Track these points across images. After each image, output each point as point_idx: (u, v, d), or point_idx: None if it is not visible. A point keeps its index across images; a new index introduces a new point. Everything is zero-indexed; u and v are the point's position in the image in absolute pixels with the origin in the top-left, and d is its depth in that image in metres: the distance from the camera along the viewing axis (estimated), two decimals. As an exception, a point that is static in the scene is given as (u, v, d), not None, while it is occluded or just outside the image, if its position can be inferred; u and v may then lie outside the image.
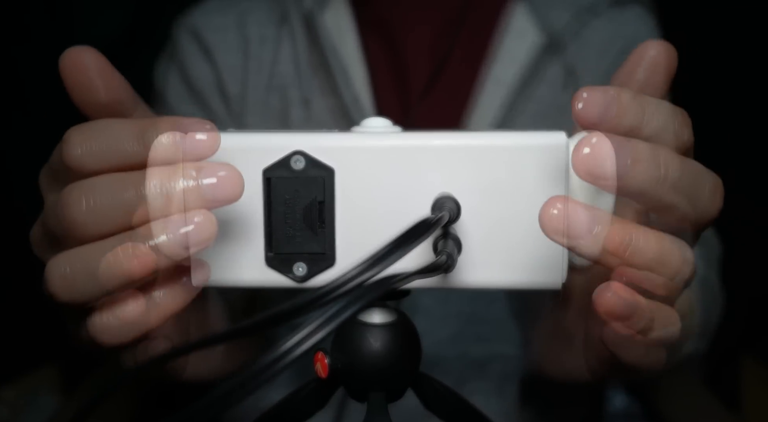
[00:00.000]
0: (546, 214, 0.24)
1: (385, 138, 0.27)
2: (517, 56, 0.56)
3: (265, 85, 0.58)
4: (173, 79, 0.60)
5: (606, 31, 0.57)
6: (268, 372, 0.17)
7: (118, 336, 0.27)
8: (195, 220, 0.25)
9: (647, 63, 0.29)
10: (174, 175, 0.25)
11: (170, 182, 0.25)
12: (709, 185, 0.26)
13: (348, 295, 0.18)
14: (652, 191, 0.25)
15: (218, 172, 0.25)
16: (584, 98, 0.25)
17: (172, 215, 0.25)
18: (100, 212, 0.25)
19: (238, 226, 0.28)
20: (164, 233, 0.25)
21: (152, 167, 0.25)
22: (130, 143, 0.26)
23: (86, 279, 0.26)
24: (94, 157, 0.26)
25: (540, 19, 0.56)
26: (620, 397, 0.87)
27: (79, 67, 0.28)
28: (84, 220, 0.25)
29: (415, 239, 0.21)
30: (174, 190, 0.25)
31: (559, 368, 0.39)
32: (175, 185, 0.25)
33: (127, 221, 0.26)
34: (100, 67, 0.28)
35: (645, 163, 0.24)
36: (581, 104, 0.25)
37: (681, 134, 0.26)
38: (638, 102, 0.25)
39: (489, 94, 0.56)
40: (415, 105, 0.57)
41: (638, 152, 0.24)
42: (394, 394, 0.29)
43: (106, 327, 0.27)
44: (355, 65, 0.57)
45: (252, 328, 0.18)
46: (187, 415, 0.17)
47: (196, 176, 0.25)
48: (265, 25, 0.59)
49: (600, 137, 0.24)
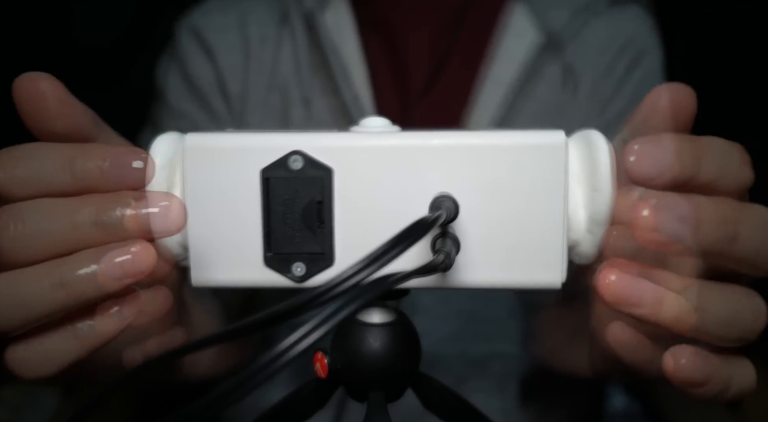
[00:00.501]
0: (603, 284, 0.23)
1: (383, 138, 0.27)
2: (516, 56, 0.56)
3: (265, 85, 0.58)
4: (174, 78, 0.60)
5: (604, 30, 0.57)
6: (267, 370, 0.17)
7: (38, 369, 0.25)
8: (132, 250, 0.24)
9: (662, 114, 0.26)
10: (111, 203, 0.24)
11: (107, 210, 0.24)
12: None
13: (346, 294, 0.18)
14: (718, 251, 0.23)
15: (160, 202, 0.24)
16: (636, 151, 0.23)
17: (106, 243, 0.24)
18: (29, 239, 0.24)
19: (237, 226, 0.28)
20: (95, 263, 0.24)
21: (87, 195, 0.25)
22: (57, 170, 0.25)
23: (10, 307, 0.24)
24: (19, 183, 0.25)
25: (539, 18, 0.56)
26: (620, 397, 0.87)
27: (33, 94, 0.26)
28: (10, 246, 0.24)
29: (412, 238, 0.21)
30: (110, 219, 0.24)
31: (562, 362, 0.39)
32: (111, 214, 0.24)
33: (57, 249, 0.24)
34: (58, 95, 0.26)
35: (710, 223, 0.22)
36: (634, 158, 0.23)
37: (741, 174, 0.24)
38: (693, 147, 0.23)
39: (488, 94, 0.56)
40: (415, 104, 0.57)
41: (701, 212, 0.22)
42: (393, 394, 0.29)
43: (25, 359, 0.25)
44: (355, 65, 0.57)
45: (250, 328, 0.18)
46: (187, 415, 0.17)
47: (135, 206, 0.24)
48: (265, 25, 0.59)
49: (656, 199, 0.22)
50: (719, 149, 0.24)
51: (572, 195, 0.27)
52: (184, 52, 0.60)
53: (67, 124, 0.27)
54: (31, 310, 0.24)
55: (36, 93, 0.26)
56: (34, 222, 0.24)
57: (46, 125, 0.27)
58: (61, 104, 0.26)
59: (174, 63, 0.61)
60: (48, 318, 0.25)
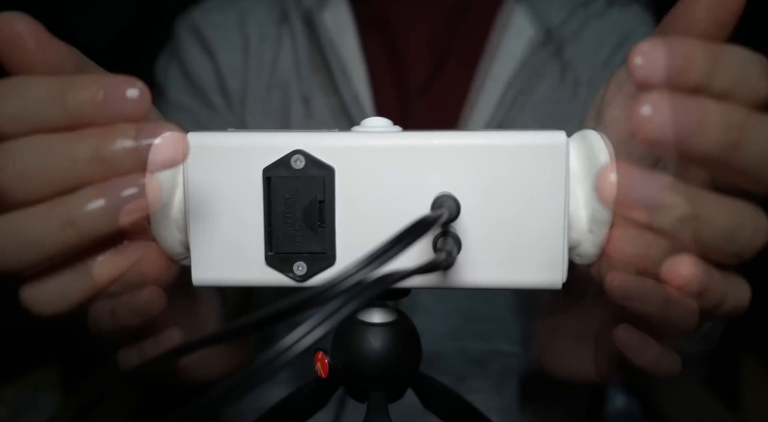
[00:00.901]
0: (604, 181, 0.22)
1: (385, 138, 0.27)
2: (514, 54, 0.56)
3: (265, 83, 0.58)
4: (174, 76, 0.60)
5: (603, 29, 0.57)
6: (268, 369, 0.17)
7: (53, 306, 0.26)
8: (138, 182, 0.23)
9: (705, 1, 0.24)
10: (110, 136, 0.23)
11: (107, 143, 0.23)
12: None
13: (347, 292, 0.18)
14: (721, 158, 0.22)
15: (159, 131, 0.23)
16: (644, 52, 0.21)
17: (108, 178, 0.24)
18: (29, 177, 0.23)
19: (239, 225, 0.28)
20: (101, 198, 0.23)
21: (85, 129, 0.24)
22: (48, 104, 0.24)
23: (18, 248, 0.24)
24: (9, 120, 0.24)
25: (537, 16, 0.56)
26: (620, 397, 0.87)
27: (10, 36, 0.24)
28: (11, 185, 0.23)
29: (414, 237, 0.21)
30: (111, 152, 0.23)
31: (564, 366, 0.38)
32: (110, 147, 0.23)
33: (59, 186, 0.24)
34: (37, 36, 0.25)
35: (714, 126, 0.21)
36: (640, 59, 0.21)
37: (759, 87, 0.22)
38: (708, 53, 0.22)
39: (487, 92, 0.56)
40: (414, 103, 0.57)
41: (706, 114, 0.21)
42: (394, 394, 0.29)
43: (38, 296, 0.26)
44: (354, 64, 0.57)
45: (251, 327, 0.18)
46: (188, 414, 0.17)
47: (136, 137, 0.23)
48: (265, 24, 0.59)
49: (661, 96, 0.21)
50: (738, 58, 0.22)
51: (573, 195, 0.27)
52: (184, 49, 0.60)
53: (50, 65, 0.25)
54: (41, 249, 0.24)
55: (13, 34, 0.24)
56: (32, 159, 0.23)
57: (26, 69, 0.25)
58: (41, 45, 0.25)
59: (174, 61, 0.61)
60: (59, 256, 0.24)
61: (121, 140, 0.23)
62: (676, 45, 0.21)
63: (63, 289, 0.25)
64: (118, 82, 0.23)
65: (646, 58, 0.21)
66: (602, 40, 0.57)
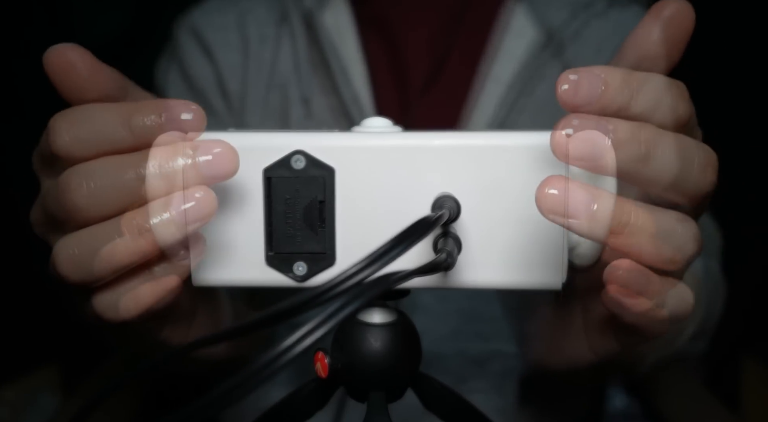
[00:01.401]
0: (542, 194, 0.24)
1: (385, 138, 0.27)
2: (515, 54, 0.56)
3: (265, 84, 0.58)
4: (174, 78, 0.60)
5: (604, 29, 0.57)
6: (268, 369, 0.17)
7: (125, 312, 0.28)
8: (195, 196, 0.26)
9: (663, 22, 0.29)
10: (172, 155, 0.26)
11: (169, 161, 0.26)
12: (699, 160, 0.26)
13: (347, 293, 0.18)
14: (633, 169, 0.25)
15: (213, 149, 0.26)
16: (570, 80, 0.25)
17: (171, 193, 0.26)
18: (101, 196, 0.26)
19: (239, 225, 0.28)
20: (167, 211, 0.26)
21: (149, 149, 0.26)
22: (116, 128, 0.26)
23: (94, 260, 0.26)
24: (82, 144, 0.26)
25: (538, 17, 0.56)
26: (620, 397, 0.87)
27: (64, 65, 0.28)
28: (86, 204, 0.26)
29: (415, 237, 0.21)
30: (173, 169, 0.26)
31: (561, 357, 0.38)
32: (173, 165, 0.26)
33: (128, 202, 0.26)
34: (87, 63, 0.28)
35: (624, 142, 0.24)
36: (566, 86, 0.25)
37: (676, 108, 0.26)
38: (626, 80, 0.25)
39: (488, 93, 0.56)
40: (415, 103, 0.57)
41: (617, 132, 0.24)
42: (394, 394, 0.29)
43: (111, 303, 0.27)
44: (354, 64, 0.57)
45: (252, 326, 0.18)
46: (188, 414, 0.17)
47: (193, 155, 0.26)
48: (264, 25, 0.59)
49: (579, 118, 0.24)
50: (655, 83, 0.26)
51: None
52: (184, 51, 0.60)
53: (101, 88, 0.28)
54: (115, 260, 0.26)
55: (66, 64, 0.28)
56: (104, 180, 0.26)
57: (80, 93, 0.28)
58: (91, 71, 0.28)
59: (173, 63, 0.61)
60: (131, 265, 0.27)
61: (181, 158, 0.26)
62: (598, 74, 0.25)
63: (134, 295, 0.27)
64: (176, 105, 0.26)
65: (570, 84, 0.25)
66: (603, 43, 0.57)
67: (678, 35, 0.28)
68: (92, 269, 0.26)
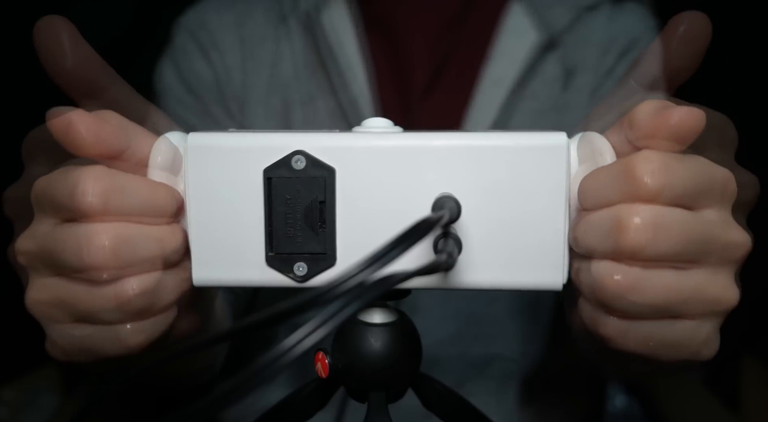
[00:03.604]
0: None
1: (386, 138, 0.27)
2: (516, 56, 0.56)
3: (265, 85, 0.58)
4: (172, 79, 0.60)
5: (606, 31, 0.57)
6: (269, 370, 0.17)
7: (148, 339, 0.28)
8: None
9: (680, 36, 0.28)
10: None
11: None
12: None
13: (348, 294, 0.18)
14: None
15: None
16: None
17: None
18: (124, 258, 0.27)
19: (239, 225, 0.28)
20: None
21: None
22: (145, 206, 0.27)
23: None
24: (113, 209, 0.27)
25: (539, 18, 0.56)
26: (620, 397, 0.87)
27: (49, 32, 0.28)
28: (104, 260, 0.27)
29: (415, 238, 0.21)
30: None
31: None
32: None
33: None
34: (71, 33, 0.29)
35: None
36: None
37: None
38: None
39: (488, 94, 0.56)
40: (416, 104, 0.57)
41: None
42: (394, 394, 0.29)
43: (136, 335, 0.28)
44: (355, 65, 0.57)
45: (252, 327, 0.18)
46: (188, 415, 0.17)
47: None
48: (264, 25, 0.59)
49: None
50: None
51: (574, 197, 0.27)
52: (183, 51, 0.60)
53: (80, 61, 0.29)
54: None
55: (52, 31, 0.28)
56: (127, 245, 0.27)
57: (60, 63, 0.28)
58: (74, 42, 0.29)
59: (172, 63, 0.61)
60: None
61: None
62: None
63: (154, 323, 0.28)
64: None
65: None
66: (604, 42, 0.57)
67: (695, 49, 0.28)
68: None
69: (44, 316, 0.28)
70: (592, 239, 0.25)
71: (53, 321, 0.28)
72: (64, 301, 0.27)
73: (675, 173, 0.24)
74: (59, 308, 0.27)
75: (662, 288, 0.25)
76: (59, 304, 0.27)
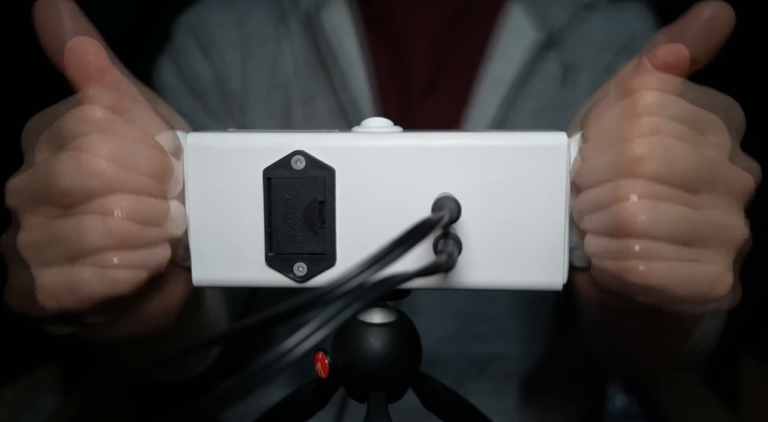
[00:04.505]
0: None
1: (385, 138, 0.27)
2: (515, 54, 0.56)
3: (266, 84, 0.58)
4: (173, 77, 0.60)
5: (605, 28, 0.57)
6: (269, 371, 0.17)
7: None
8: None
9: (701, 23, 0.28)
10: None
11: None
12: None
13: (348, 295, 0.18)
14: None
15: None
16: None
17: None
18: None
19: (239, 225, 0.28)
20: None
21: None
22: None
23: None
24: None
25: (539, 16, 0.56)
26: (620, 397, 0.87)
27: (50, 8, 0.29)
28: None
29: (415, 239, 0.21)
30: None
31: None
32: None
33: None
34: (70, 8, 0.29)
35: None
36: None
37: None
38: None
39: (488, 93, 0.56)
40: (416, 104, 0.57)
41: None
42: (394, 394, 0.29)
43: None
44: (355, 65, 0.57)
45: (252, 328, 0.18)
46: (187, 415, 0.17)
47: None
48: (264, 24, 0.59)
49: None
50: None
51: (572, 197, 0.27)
52: (183, 50, 0.60)
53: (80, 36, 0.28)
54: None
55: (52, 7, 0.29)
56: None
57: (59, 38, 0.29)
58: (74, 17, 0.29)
59: (173, 61, 0.61)
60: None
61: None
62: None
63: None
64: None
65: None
66: (604, 41, 0.57)
67: (714, 39, 0.28)
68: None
69: (35, 258, 0.27)
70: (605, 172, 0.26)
71: (44, 263, 0.27)
72: (56, 236, 0.26)
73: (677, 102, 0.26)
74: (50, 247, 0.27)
75: (675, 213, 0.25)
76: (50, 241, 0.27)
